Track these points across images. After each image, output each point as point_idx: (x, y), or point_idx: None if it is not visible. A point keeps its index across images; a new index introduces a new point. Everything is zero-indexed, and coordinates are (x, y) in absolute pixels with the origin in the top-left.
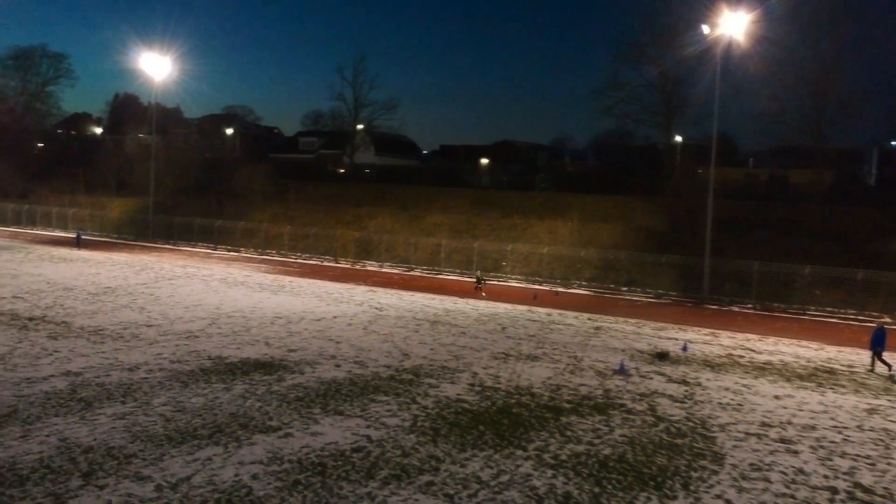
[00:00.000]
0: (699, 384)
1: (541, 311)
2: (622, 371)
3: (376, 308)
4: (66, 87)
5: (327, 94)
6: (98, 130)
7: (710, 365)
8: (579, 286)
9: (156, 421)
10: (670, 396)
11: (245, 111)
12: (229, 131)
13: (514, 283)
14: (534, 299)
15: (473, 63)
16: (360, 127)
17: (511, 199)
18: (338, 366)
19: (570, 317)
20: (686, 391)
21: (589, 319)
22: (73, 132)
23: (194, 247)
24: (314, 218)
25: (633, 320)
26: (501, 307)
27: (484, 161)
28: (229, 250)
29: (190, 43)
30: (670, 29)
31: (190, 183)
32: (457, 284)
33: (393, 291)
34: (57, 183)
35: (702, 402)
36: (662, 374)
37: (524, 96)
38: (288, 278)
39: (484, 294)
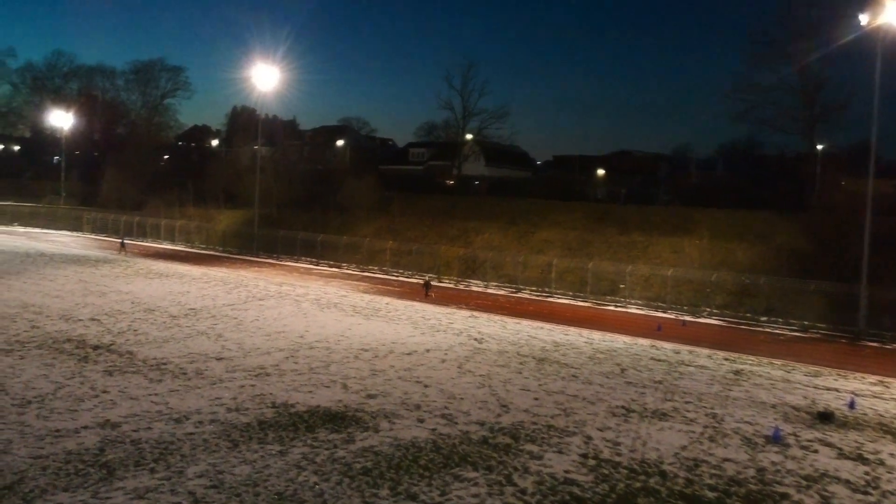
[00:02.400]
0: (882, 462)
1: (666, 347)
2: (777, 439)
3: (476, 339)
4: (183, 100)
5: (434, 103)
6: (215, 143)
7: (889, 431)
8: (710, 315)
9: (181, 503)
10: (847, 482)
11: (360, 123)
12: (340, 143)
13: (633, 310)
14: (657, 331)
15: (588, 69)
16: (468, 137)
17: (630, 213)
18: (421, 420)
19: (703, 355)
20: (867, 474)
21: (726, 360)
22: (192, 144)
23: (297, 261)
24: (419, 232)
25: (778, 362)
26: (620, 340)
27: (600, 172)
28: (331, 266)
29: (308, 55)
30: (812, 22)
31: (297, 195)
32: (569, 309)
33: (497, 317)
34: (170, 195)
35: (892, 493)
36: (830, 445)
37: (642, 103)
38: (385, 299)
39: (433, 295)
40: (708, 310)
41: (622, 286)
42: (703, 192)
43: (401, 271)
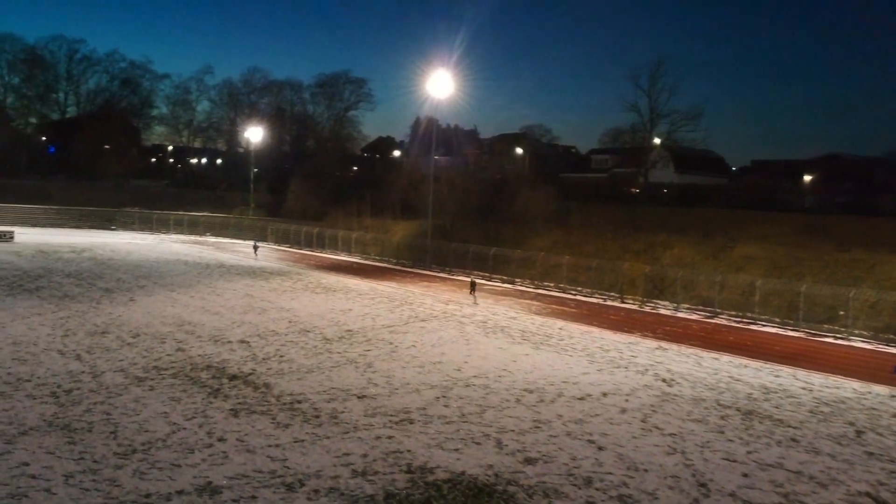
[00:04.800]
0: None
1: None
2: None
3: (664, 381)
4: (366, 112)
5: (621, 109)
6: (397, 153)
7: None
8: None
9: None
10: None
11: (541, 130)
12: (518, 151)
13: (857, 343)
14: (893, 374)
15: (787, 65)
16: (656, 141)
17: (848, 226)
18: None
19: None
20: None
21: None
22: (376, 156)
23: (468, 276)
24: (599, 246)
25: None
26: (847, 386)
27: (807, 178)
28: (503, 281)
29: (490, 63)
30: None
31: (472, 206)
32: (777, 340)
33: (689, 350)
34: (349, 206)
35: None
36: None
37: (851, 101)
38: (559, 323)
39: (475, 298)
40: None
41: (842, 313)
42: None
43: (579, 288)
